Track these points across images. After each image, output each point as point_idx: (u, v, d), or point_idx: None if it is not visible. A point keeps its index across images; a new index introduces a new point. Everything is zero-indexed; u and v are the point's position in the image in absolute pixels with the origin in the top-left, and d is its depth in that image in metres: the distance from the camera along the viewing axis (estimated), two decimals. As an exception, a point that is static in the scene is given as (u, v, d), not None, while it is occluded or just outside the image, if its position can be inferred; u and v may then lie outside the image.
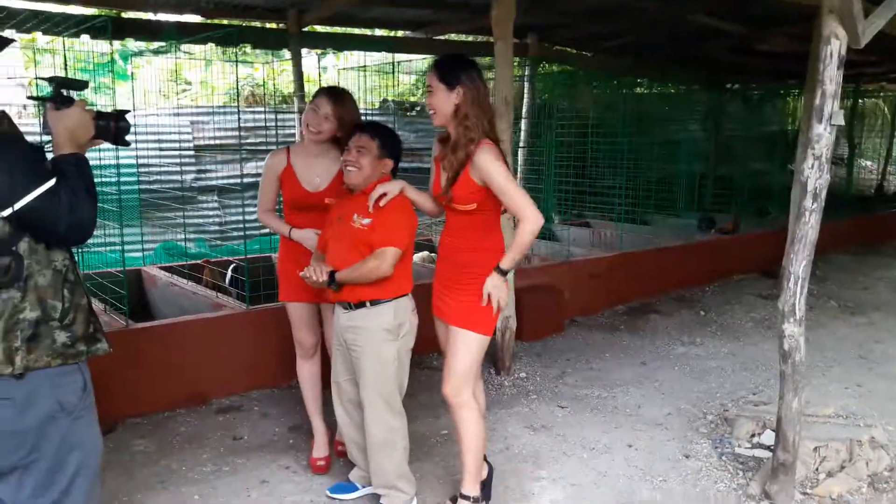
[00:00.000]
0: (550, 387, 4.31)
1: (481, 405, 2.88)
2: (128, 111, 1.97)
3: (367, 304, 2.69)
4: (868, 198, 11.46)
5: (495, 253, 2.61)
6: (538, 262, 5.97)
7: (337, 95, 3.04)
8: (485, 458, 2.94)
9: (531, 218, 2.48)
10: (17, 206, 1.60)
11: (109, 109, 1.94)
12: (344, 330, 2.76)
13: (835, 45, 2.74)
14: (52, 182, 1.64)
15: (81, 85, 1.91)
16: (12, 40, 1.89)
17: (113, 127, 1.90)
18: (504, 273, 2.56)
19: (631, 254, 6.39)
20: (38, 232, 1.67)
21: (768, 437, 3.43)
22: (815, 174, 2.80)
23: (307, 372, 3.28)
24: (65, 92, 1.82)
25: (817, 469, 3.19)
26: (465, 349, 2.63)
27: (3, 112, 1.71)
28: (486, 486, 2.92)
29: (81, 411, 1.78)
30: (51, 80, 1.82)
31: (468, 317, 2.62)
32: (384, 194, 2.65)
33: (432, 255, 6.13)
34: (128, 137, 1.96)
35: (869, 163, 13.70)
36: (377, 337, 2.70)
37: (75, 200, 1.66)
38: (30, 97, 1.88)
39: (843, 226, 8.66)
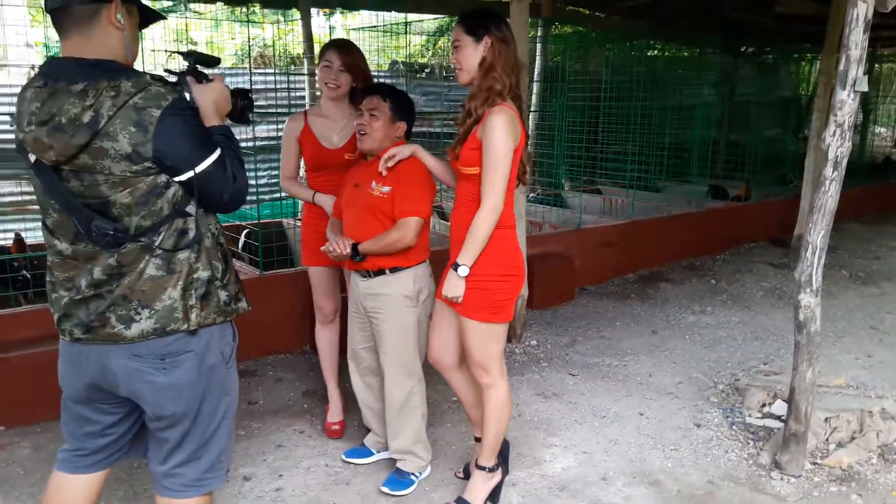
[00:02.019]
0: (561, 355, 4.33)
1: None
2: (251, 90, 2.02)
3: (387, 271, 2.70)
4: (882, 166, 11.33)
5: (504, 229, 2.45)
6: (549, 229, 5.95)
7: (345, 46, 3.08)
8: None
9: (489, 204, 2.33)
10: (198, 169, 1.68)
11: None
12: (363, 298, 2.77)
13: (861, 8, 2.66)
14: (219, 151, 1.73)
15: (215, 61, 1.94)
16: (163, 17, 1.98)
17: (238, 104, 1.94)
18: (456, 268, 2.39)
19: (641, 221, 6.36)
20: (205, 198, 1.74)
21: (779, 408, 3.45)
22: (836, 142, 2.75)
23: (326, 337, 3.31)
24: (199, 67, 1.88)
25: (827, 440, 3.22)
26: (476, 341, 2.50)
27: (179, 80, 1.78)
28: (502, 459, 2.95)
29: (233, 361, 1.91)
30: (188, 55, 1.87)
31: (474, 306, 2.45)
32: (393, 156, 2.62)
33: (443, 222, 6.11)
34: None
35: (883, 129, 13.51)
36: (398, 303, 2.71)
37: (236, 170, 1.76)
38: (167, 70, 1.92)
39: (855, 194, 8.57)
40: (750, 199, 7.94)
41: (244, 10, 6.64)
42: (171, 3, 6.47)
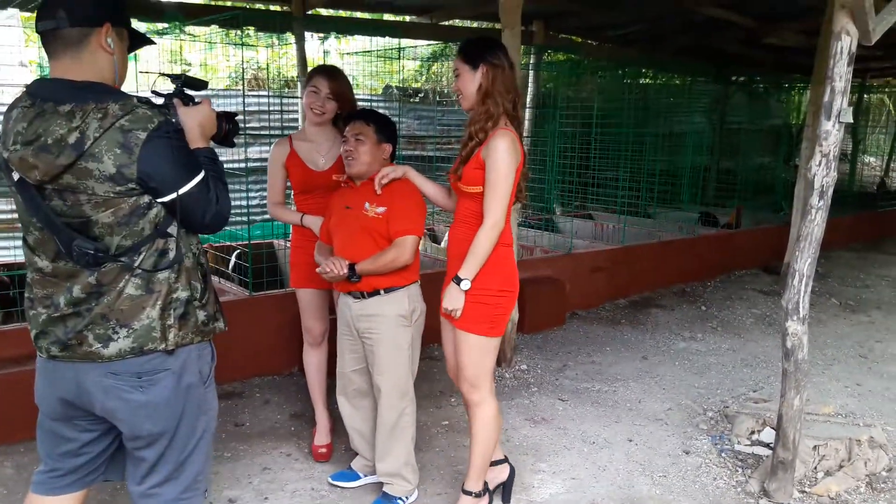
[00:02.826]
0: (551, 380, 4.32)
1: None
2: (237, 113, 2.04)
3: (382, 291, 2.70)
4: (871, 194, 11.44)
5: (501, 246, 2.51)
6: (540, 253, 5.97)
7: (332, 73, 3.09)
8: (506, 460, 2.96)
9: (491, 221, 2.41)
10: (182, 191, 1.69)
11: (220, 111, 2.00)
12: (356, 319, 2.77)
13: (845, 42, 2.71)
14: (203, 173, 1.74)
15: (203, 84, 1.97)
16: (152, 42, 2.00)
17: (223, 127, 1.97)
18: (459, 282, 2.46)
19: (633, 247, 6.39)
20: (186, 219, 1.75)
21: (768, 435, 3.45)
22: (822, 171, 2.79)
23: (314, 360, 3.29)
24: (186, 90, 1.90)
25: (816, 468, 3.21)
26: (471, 353, 2.55)
27: (166, 104, 1.80)
28: (506, 487, 2.94)
29: (211, 380, 1.91)
30: (176, 77, 1.89)
31: (471, 319, 2.51)
32: (387, 175, 2.66)
33: (434, 244, 6.12)
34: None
35: (872, 159, 13.66)
36: (394, 323, 2.71)
37: (219, 192, 1.78)
38: (154, 92, 1.95)
39: (845, 222, 8.66)
40: (740, 226, 7.98)
41: (238, 32, 6.69)
42: (166, 26, 6.51)
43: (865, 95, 11.40)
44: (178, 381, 1.78)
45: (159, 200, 1.69)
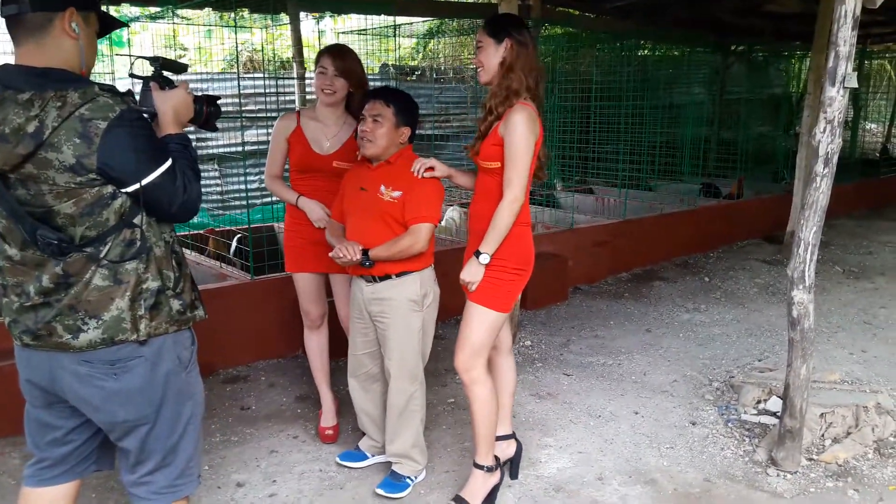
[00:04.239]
0: (555, 355, 4.32)
1: (511, 381, 2.89)
2: (219, 97, 1.99)
3: (393, 276, 2.68)
4: (873, 161, 11.37)
5: (520, 225, 2.51)
6: (542, 229, 5.94)
7: (339, 52, 3.04)
8: (514, 436, 2.97)
9: (511, 195, 2.41)
10: (145, 181, 1.65)
11: (200, 94, 1.96)
12: (368, 302, 2.75)
13: (849, 5, 2.66)
14: (169, 162, 1.71)
15: (182, 67, 1.93)
16: (125, 24, 1.95)
17: (204, 111, 1.93)
18: (478, 256, 2.48)
19: (634, 220, 6.35)
20: (153, 209, 1.73)
21: (774, 404, 3.45)
22: (827, 138, 2.76)
23: (315, 343, 3.28)
24: (165, 73, 1.86)
25: (823, 435, 3.21)
26: (478, 325, 2.56)
27: (130, 91, 1.75)
28: (513, 463, 2.96)
29: (192, 364, 1.89)
30: (154, 60, 1.85)
31: (485, 292, 2.53)
32: (431, 168, 2.65)
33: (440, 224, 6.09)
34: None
35: (874, 125, 13.55)
36: (404, 307, 2.70)
37: (187, 181, 1.74)
38: (132, 75, 1.90)
39: (847, 190, 8.61)
40: (742, 196, 7.95)
41: (232, 14, 6.61)
42: (159, 9, 6.44)
43: (866, 61, 11.27)
44: (153, 368, 1.76)
45: (123, 191, 1.65)
